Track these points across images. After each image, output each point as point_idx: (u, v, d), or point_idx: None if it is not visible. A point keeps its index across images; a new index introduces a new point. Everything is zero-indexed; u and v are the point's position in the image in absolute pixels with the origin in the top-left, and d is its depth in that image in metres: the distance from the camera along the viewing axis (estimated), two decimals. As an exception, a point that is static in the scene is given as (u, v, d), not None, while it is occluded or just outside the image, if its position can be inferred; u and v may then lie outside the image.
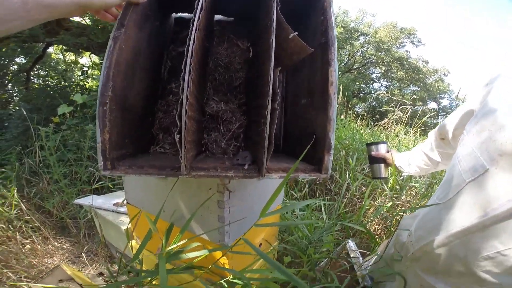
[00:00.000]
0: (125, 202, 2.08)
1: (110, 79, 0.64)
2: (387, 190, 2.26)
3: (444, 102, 17.83)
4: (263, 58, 0.75)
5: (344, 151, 2.88)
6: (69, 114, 2.97)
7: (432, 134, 1.18)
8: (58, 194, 2.70)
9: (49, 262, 2.13)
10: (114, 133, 0.66)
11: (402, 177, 2.29)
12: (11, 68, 7.56)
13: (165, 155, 0.90)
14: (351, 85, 12.34)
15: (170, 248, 0.84)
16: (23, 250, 2.12)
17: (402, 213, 1.39)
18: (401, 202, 2.31)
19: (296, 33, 0.72)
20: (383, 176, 1.41)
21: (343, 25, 14.76)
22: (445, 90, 17.47)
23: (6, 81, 7.17)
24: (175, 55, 1.10)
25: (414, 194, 2.44)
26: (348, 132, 3.52)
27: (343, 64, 16.32)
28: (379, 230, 2.25)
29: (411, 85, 16.15)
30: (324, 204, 2.03)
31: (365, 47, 15.64)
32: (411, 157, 1.29)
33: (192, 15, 0.65)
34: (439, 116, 16.15)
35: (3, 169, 2.85)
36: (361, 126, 4.23)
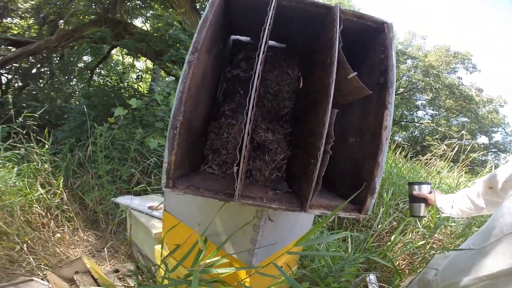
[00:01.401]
0: (160, 207, 2.19)
1: (183, 103, 0.71)
2: (420, 227, 2.15)
3: (497, 137, 16.11)
4: (318, 97, 0.78)
5: (379, 185, 2.77)
6: (122, 116, 3.20)
7: (480, 181, 1.19)
8: (98, 189, 2.86)
9: (71, 253, 2.24)
10: (178, 155, 0.74)
11: (438, 216, 2.19)
12: (79, 65, 8.48)
13: (214, 176, 0.96)
14: (393, 111, 11.75)
15: (203, 262, 0.89)
16: (52, 239, 2.24)
17: (433, 252, 1.35)
18: (432, 240, 2.18)
19: (355, 73, 0.74)
20: (421, 215, 1.41)
21: None
22: (499, 123, 15.53)
23: (72, 77, 8.03)
24: (230, 77, 1.18)
25: (449, 233, 2.30)
26: (385, 164, 3.38)
27: (387, 87, 15.44)
28: (403, 266, 2.15)
29: (460, 115, 14.97)
30: (351, 236, 1.97)
31: (412, 71, 14.67)
32: (455, 200, 1.29)
33: (247, 38, 0.71)
34: (489, 153, 14.79)
35: (56, 158, 3.06)
36: (399, 159, 4.03)
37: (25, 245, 2.09)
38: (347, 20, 0.86)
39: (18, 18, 6.89)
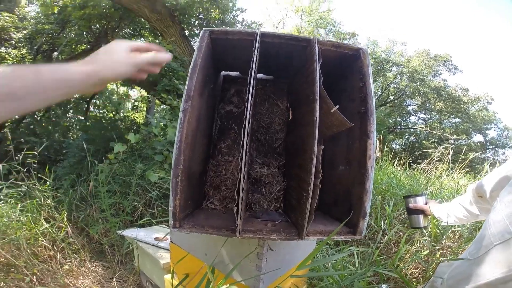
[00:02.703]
0: (166, 237, 2.23)
1: (182, 152, 0.78)
2: (426, 236, 2.17)
3: (492, 134, 16.31)
4: (304, 132, 0.85)
5: (380, 196, 2.80)
6: (121, 152, 3.28)
7: (470, 190, 1.24)
8: (103, 222, 2.91)
9: (81, 284, 2.26)
10: (182, 199, 0.80)
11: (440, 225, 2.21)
12: (74, 96, 8.57)
13: (217, 212, 1.02)
14: (386, 120, 11.80)
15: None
16: (61, 270, 2.29)
17: (444, 259, 1.38)
18: (442, 247, 2.19)
19: (337, 106, 0.80)
20: (422, 226, 1.46)
21: (373, 56, 14.43)
22: (490, 120, 15.79)
23: (69, 107, 8.11)
24: (224, 114, 1.25)
25: (457, 237, 2.31)
26: (384, 176, 3.42)
27: (376, 97, 15.65)
28: (417, 274, 2.15)
29: (451, 116, 15.17)
30: (358, 251, 2.00)
31: (399, 78, 14.93)
32: (450, 209, 1.33)
33: (237, 73, 0.77)
34: (487, 150, 14.90)
35: (58, 194, 3.13)
36: (398, 168, 4.06)
37: (34, 276, 2.13)
38: (325, 50, 0.94)
39: (12, 47, 6.97)
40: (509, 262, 0.86)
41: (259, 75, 1.31)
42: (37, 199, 2.67)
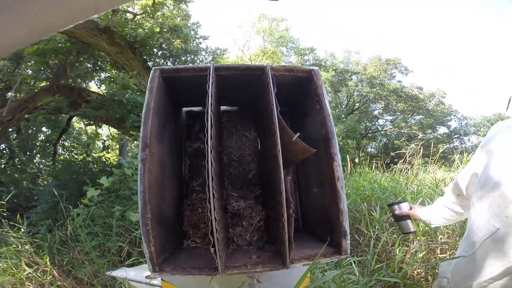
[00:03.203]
0: (157, 276, 2.15)
1: (147, 202, 0.77)
2: (420, 235, 2.22)
3: (454, 124, 17.53)
4: (271, 164, 0.86)
5: (365, 203, 2.84)
6: (95, 196, 3.18)
7: (448, 191, 1.28)
8: (89, 263, 2.79)
9: None
10: (157, 244, 0.78)
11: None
12: (39, 139, 8.16)
13: (198, 250, 1.00)
14: (357, 126, 12.35)
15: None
16: None
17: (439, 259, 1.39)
18: (439, 244, 2.24)
19: (298, 134, 0.83)
20: (412, 230, 1.49)
21: (333, 68, 15.23)
22: (449, 112, 17.10)
23: (35, 152, 7.69)
24: (192, 152, 1.22)
25: (450, 232, 2.38)
26: (365, 181, 3.50)
27: (343, 106, 16.47)
28: (423, 273, 2.17)
29: (414, 114, 16.11)
30: (357, 261, 2.00)
31: (360, 85, 15.93)
32: (436, 211, 1.37)
33: (199, 108, 0.77)
34: (454, 140, 15.83)
35: (35, 239, 3.00)
36: (377, 172, 4.18)
37: None
38: (280, 75, 0.98)
39: None
40: (505, 254, 0.88)
41: (224, 107, 1.31)
42: (14, 246, 2.60)
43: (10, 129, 6.92)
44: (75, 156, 5.11)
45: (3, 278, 2.25)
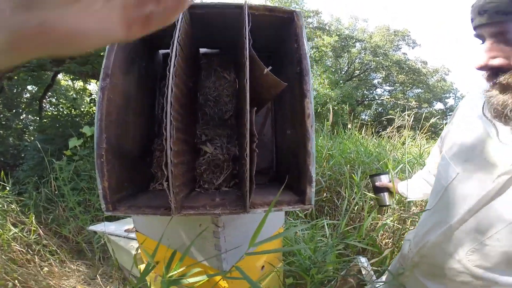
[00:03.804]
0: (134, 229, 2.18)
1: (103, 131, 0.71)
2: (394, 205, 2.25)
3: (450, 102, 17.57)
4: (241, 98, 0.80)
5: (349, 165, 2.85)
6: (80, 146, 3.11)
7: (428, 161, 1.26)
8: (74, 220, 2.85)
9: (65, 284, 2.24)
10: (113, 180, 0.73)
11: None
12: (24, 96, 7.94)
13: (163, 192, 0.96)
14: (354, 93, 12.19)
15: (171, 274, 0.90)
16: (42, 273, 2.24)
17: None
18: (410, 215, 2.28)
19: (269, 68, 0.77)
20: (387, 204, 1.51)
21: (337, 33, 14.63)
22: (449, 89, 17.09)
23: (21, 110, 7.52)
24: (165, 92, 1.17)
25: (424, 204, 2.41)
26: (352, 145, 3.50)
27: (343, 72, 16.16)
28: (390, 244, 2.23)
29: (413, 87, 15.96)
30: (329, 223, 2.03)
31: (362, 53, 15.42)
32: (414, 184, 1.34)
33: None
34: (447, 117, 15.92)
35: (22, 198, 3.03)
36: (366, 136, 4.18)
37: (16, 281, 2.08)
38: (260, 15, 0.90)
39: None
40: (461, 201, 0.82)
41: (203, 50, 1.24)
42: (0, 205, 2.58)
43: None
44: (62, 111, 4.96)
45: None
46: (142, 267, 1.59)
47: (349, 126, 4.29)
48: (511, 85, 0.64)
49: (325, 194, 2.77)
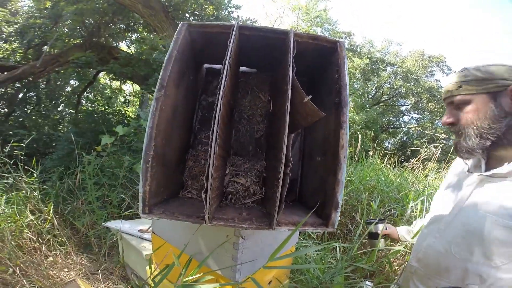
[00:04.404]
0: (150, 229, 2.24)
1: (153, 139, 0.78)
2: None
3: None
4: (279, 123, 0.85)
5: (367, 193, 2.82)
6: (110, 143, 3.27)
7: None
8: (89, 214, 2.93)
9: (65, 276, 2.29)
10: (153, 185, 0.80)
11: None
12: (65, 90, 8.49)
13: (192, 201, 1.02)
14: (380, 119, 11.86)
15: (187, 278, 0.94)
16: (45, 262, 2.31)
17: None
18: None
19: (310, 97, 0.81)
20: (381, 248, 1.58)
21: (369, 56, 14.39)
22: None
23: (60, 101, 8.02)
24: (206, 105, 1.25)
25: None
26: (373, 173, 3.45)
27: (370, 96, 15.85)
28: (399, 270, 2.18)
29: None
30: (340, 246, 2.02)
31: (393, 78, 15.01)
32: (414, 228, 1.48)
33: (220, 66, 0.78)
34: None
35: (45, 186, 3.14)
36: (388, 166, 4.11)
37: (17, 268, 2.13)
38: (303, 42, 0.96)
39: (2, 41, 6.92)
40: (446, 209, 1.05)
41: (243, 68, 1.31)
42: (23, 191, 2.65)
43: (40, 80, 7.23)
44: (97, 107, 5.28)
45: (5, 225, 2.31)
46: (153, 268, 1.63)
47: (371, 153, 4.23)
48: (457, 133, 0.99)
49: (339, 218, 2.74)
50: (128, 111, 6.01)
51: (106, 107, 5.33)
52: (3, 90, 6.97)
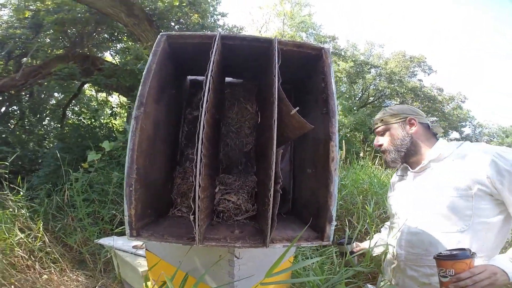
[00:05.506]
0: (143, 246, 2.19)
1: (134, 161, 0.74)
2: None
3: (467, 130, 17.13)
4: (266, 136, 0.83)
5: (361, 196, 2.83)
6: (97, 160, 3.20)
7: None
8: (81, 231, 2.85)
9: None
10: (138, 208, 0.76)
11: None
12: (50, 103, 8.29)
13: (183, 219, 0.98)
14: (367, 120, 12.05)
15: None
16: (40, 280, 2.24)
17: None
18: None
19: (297, 109, 0.79)
20: (356, 263, 1.64)
21: (353, 59, 14.54)
22: (465, 118, 16.66)
23: (44, 115, 7.82)
24: (191, 119, 1.21)
25: None
26: (365, 175, 3.47)
27: (357, 98, 16.05)
28: None
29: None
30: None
31: (377, 79, 15.32)
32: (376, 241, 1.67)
33: (204, 77, 0.75)
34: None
35: (33, 204, 3.05)
36: (379, 167, 4.13)
37: (12, 286, 2.08)
38: (288, 50, 0.94)
39: None
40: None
41: (228, 79, 1.29)
42: (10, 210, 2.61)
43: (23, 93, 7.04)
44: (83, 120, 5.18)
45: None
46: (148, 284, 1.59)
47: (362, 155, 4.26)
48: (384, 151, 1.36)
49: (335, 223, 2.74)
50: (115, 124, 5.90)
51: (93, 120, 5.21)
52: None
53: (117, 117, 6.34)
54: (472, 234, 1.12)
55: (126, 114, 6.65)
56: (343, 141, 4.05)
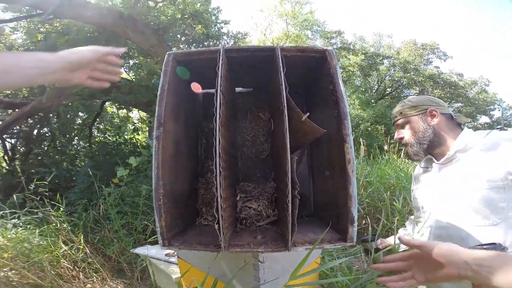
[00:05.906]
0: (175, 254, 2.28)
1: (160, 178, 0.81)
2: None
3: (497, 114, 16.08)
4: (280, 144, 0.85)
5: (389, 192, 2.75)
6: (125, 175, 3.38)
7: None
8: (117, 241, 3.07)
9: None
10: (168, 219, 0.82)
11: None
12: (76, 123, 8.74)
13: (209, 227, 1.03)
14: (388, 112, 11.59)
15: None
16: None
17: None
18: None
19: (307, 114, 0.81)
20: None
21: (363, 52, 14.07)
22: (492, 101, 15.66)
23: (73, 135, 8.26)
24: (208, 131, 1.25)
25: None
26: (391, 170, 3.38)
27: (373, 91, 15.61)
28: None
29: (452, 101, 14.81)
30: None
31: (392, 70, 14.79)
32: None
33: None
34: (496, 130, 14.47)
35: (72, 218, 3.30)
36: (406, 160, 4.00)
37: None
38: (292, 56, 0.95)
39: None
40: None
41: (238, 89, 1.32)
42: (54, 224, 2.87)
43: (51, 115, 7.47)
44: (109, 137, 5.42)
45: (42, 256, 2.50)
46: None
47: (386, 148, 4.14)
48: (405, 144, 1.31)
49: (364, 221, 2.70)
50: (138, 139, 6.13)
51: (118, 137, 5.46)
52: (18, 128, 7.20)
53: (140, 132, 6.60)
54: (506, 228, 1.06)
55: (147, 129, 6.87)
56: (362, 136, 3.95)
